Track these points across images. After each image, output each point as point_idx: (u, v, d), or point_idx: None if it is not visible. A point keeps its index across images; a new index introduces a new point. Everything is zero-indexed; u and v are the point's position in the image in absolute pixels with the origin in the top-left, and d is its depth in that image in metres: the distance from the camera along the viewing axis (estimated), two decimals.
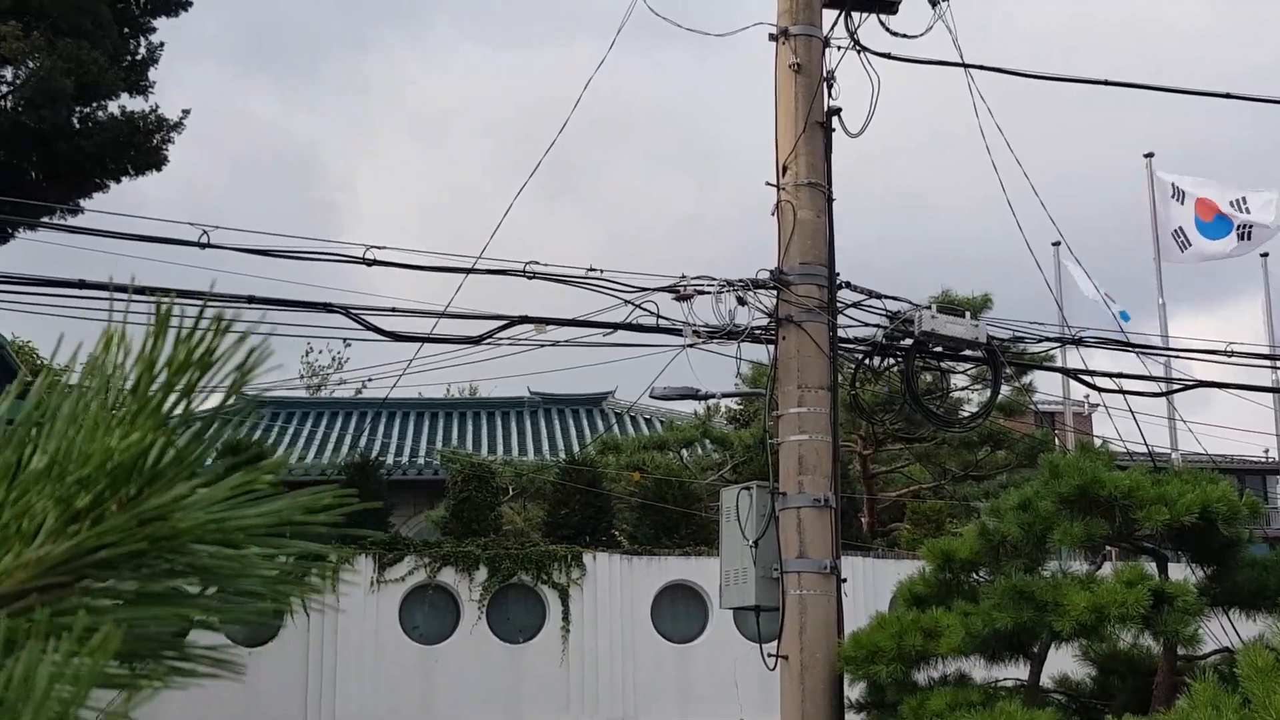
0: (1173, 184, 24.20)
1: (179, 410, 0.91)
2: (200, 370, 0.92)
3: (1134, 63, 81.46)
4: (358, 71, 76.71)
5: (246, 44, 76.11)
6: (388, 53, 78.10)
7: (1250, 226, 23.47)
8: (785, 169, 10.61)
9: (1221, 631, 8.72)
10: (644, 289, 10.67)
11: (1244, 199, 23.46)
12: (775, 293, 10.48)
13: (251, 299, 10.09)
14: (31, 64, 17.02)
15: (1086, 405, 26.96)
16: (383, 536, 19.55)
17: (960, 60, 11.41)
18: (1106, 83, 12.16)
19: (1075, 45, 68.96)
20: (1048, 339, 13.41)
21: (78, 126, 18.62)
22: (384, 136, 76.30)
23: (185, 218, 10.48)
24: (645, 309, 10.64)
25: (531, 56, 74.36)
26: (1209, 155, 68.86)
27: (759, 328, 10.61)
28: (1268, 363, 18.52)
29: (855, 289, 11.00)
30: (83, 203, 18.99)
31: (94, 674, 0.76)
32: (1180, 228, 24.06)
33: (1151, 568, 8.79)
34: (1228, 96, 12.55)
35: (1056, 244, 22.09)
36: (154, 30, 20.12)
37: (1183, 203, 24.00)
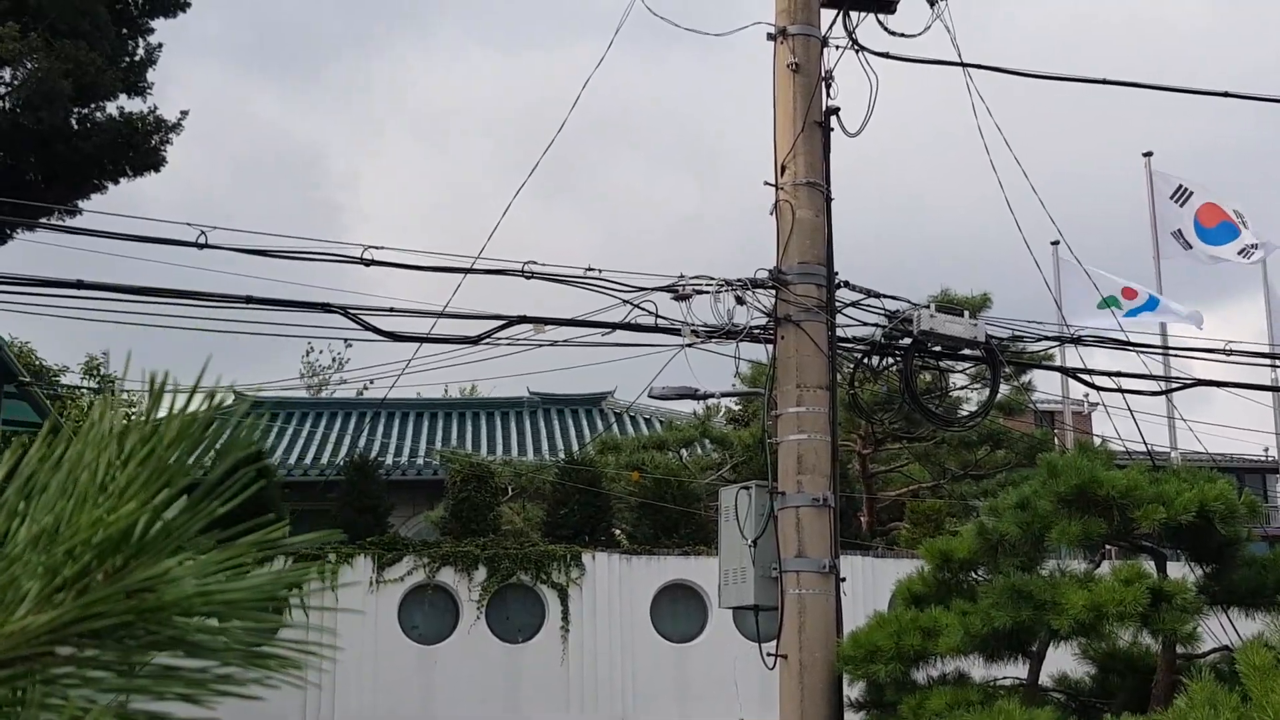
0: (1180, 184, 24.19)
1: (170, 484, 0.91)
2: (192, 445, 0.92)
3: (1137, 63, 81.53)
4: (361, 72, 76.90)
5: (250, 45, 76.32)
6: (391, 54, 78.27)
7: (1254, 246, 23.60)
8: (784, 169, 10.61)
9: (1221, 630, 8.72)
10: (642, 289, 10.67)
11: (1243, 217, 23.60)
12: (774, 292, 10.47)
13: (249, 299, 10.09)
14: (29, 65, 17.00)
15: (1086, 404, 26.99)
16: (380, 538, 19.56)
17: (959, 60, 11.42)
18: (1105, 81, 12.16)
19: (1077, 45, 69.05)
20: (1046, 338, 13.40)
21: (76, 128, 18.60)
22: (387, 137, 76.48)
23: (189, 218, 10.52)
24: (644, 309, 10.64)
25: (534, 58, 74.46)
26: (1211, 156, 68.83)
27: (758, 327, 10.61)
28: (1267, 361, 18.52)
29: (854, 288, 11.00)
30: (81, 204, 18.98)
31: None
32: (1180, 229, 24.09)
33: (1150, 566, 8.79)
34: (1226, 95, 12.55)
35: (1055, 243, 22.13)
36: (152, 31, 20.11)
37: (1182, 205, 24.02)
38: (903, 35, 11.03)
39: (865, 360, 11.64)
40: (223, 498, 0.93)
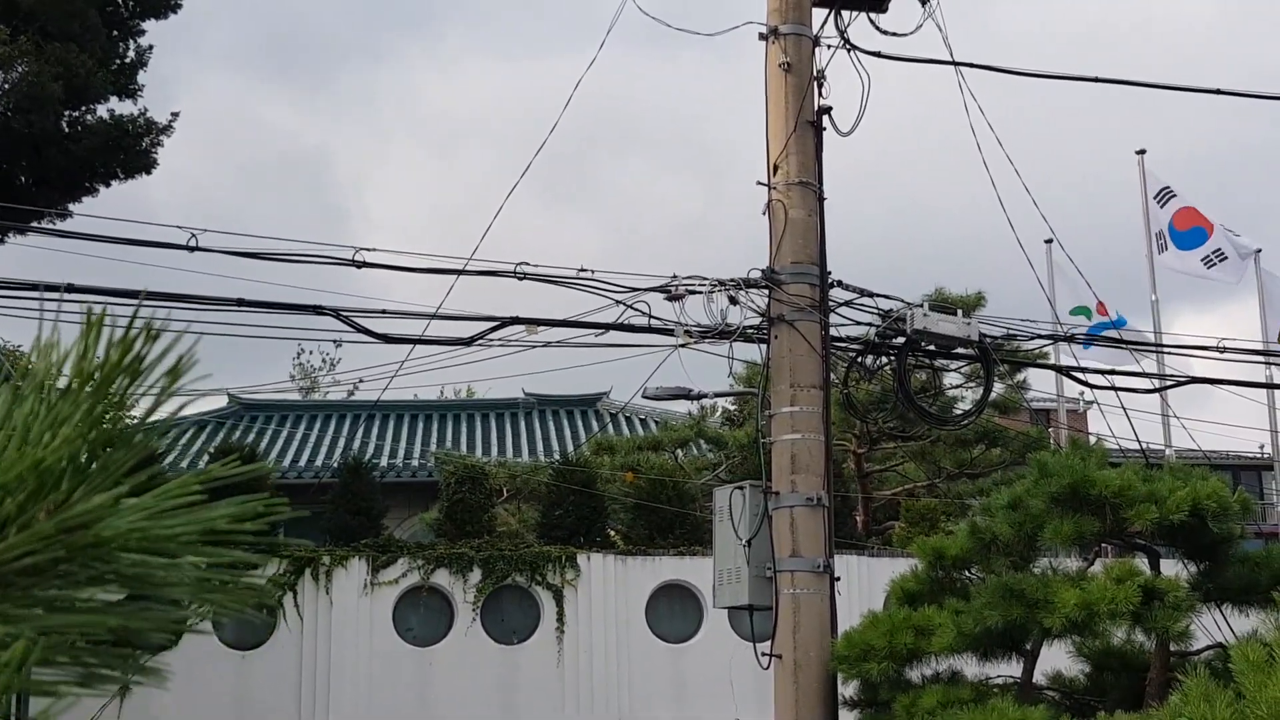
0: (1164, 186, 24.31)
1: (109, 417, 0.89)
2: (130, 376, 0.90)
3: (1143, 67, 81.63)
4: (370, 80, 77.19)
5: (261, 53, 76.66)
6: (400, 62, 78.48)
7: (1220, 256, 23.72)
8: (776, 168, 10.60)
9: (1214, 627, 8.72)
10: (636, 289, 10.66)
11: (1227, 229, 23.77)
12: (767, 292, 10.46)
13: (241, 301, 10.08)
14: (20, 68, 16.98)
15: (1081, 402, 26.99)
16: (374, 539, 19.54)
17: (950, 58, 11.41)
18: (1097, 80, 12.17)
19: (1079, 47, 69.10)
20: (1040, 336, 13.40)
21: (66, 130, 18.57)
22: (395, 143, 76.68)
23: (197, 223, 10.49)
24: (637, 309, 10.63)
25: (542, 65, 74.51)
26: (1211, 156, 69.11)
27: (751, 327, 10.60)
28: (1262, 359, 18.54)
29: (847, 288, 10.99)
30: (72, 207, 18.94)
31: (12, 683, 0.74)
32: (1160, 230, 24.25)
33: (1144, 564, 8.79)
34: (1219, 92, 12.55)
35: (1049, 242, 22.11)
36: (143, 33, 20.08)
37: (1163, 206, 24.15)
38: (894, 34, 11.02)
39: (859, 360, 11.64)
40: (157, 431, 0.91)
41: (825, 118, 10.76)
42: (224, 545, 0.89)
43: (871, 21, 11.01)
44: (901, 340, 11.04)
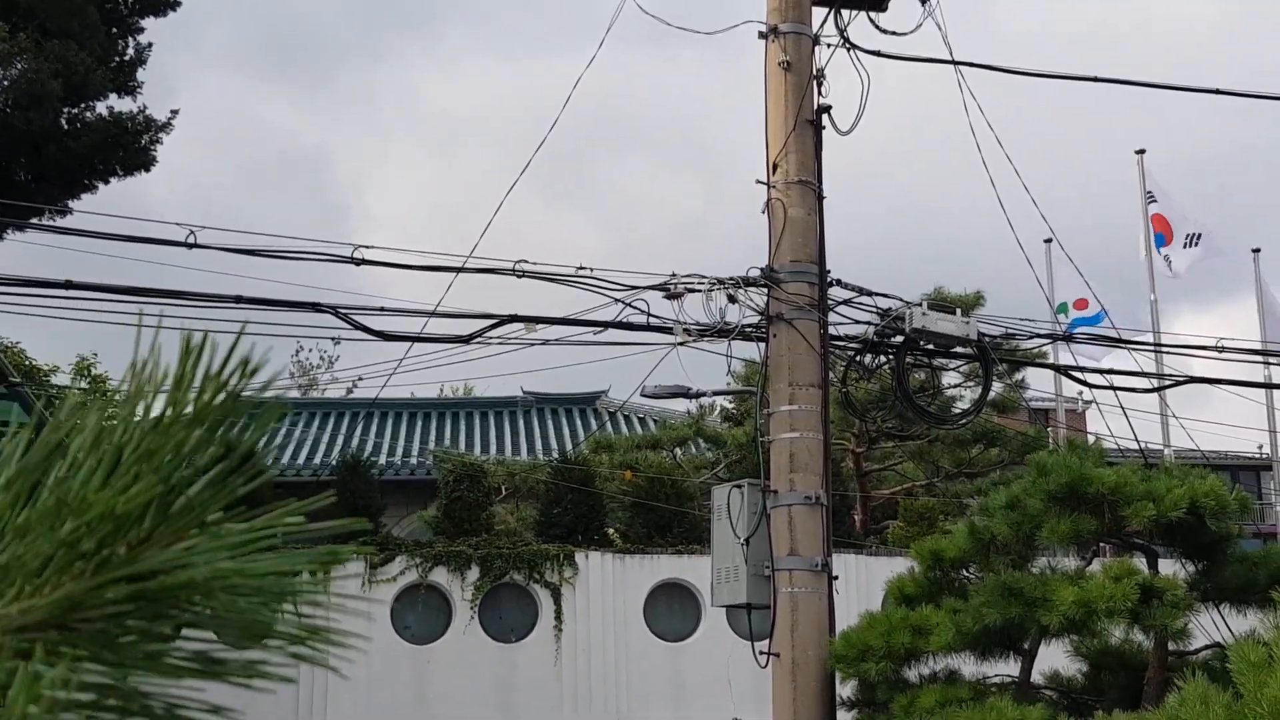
0: (1149, 190, 24.44)
1: (193, 458, 0.88)
2: (221, 416, 0.89)
3: (1139, 65, 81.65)
4: (370, 79, 77.26)
5: (262, 52, 76.76)
6: (401, 61, 78.57)
7: (1168, 260, 23.97)
8: (775, 167, 10.59)
9: (1213, 626, 8.72)
10: (634, 287, 10.66)
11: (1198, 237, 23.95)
12: (766, 290, 10.46)
13: (239, 298, 10.07)
14: (19, 65, 16.97)
15: (1080, 402, 27.01)
16: (375, 537, 19.53)
17: (950, 57, 11.41)
18: (1095, 79, 12.17)
19: (1079, 47, 69.08)
20: (1039, 335, 13.40)
21: (65, 127, 18.56)
22: (395, 143, 76.73)
23: (199, 221, 10.50)
24: (636, 307, 10.63)
25: (543, 65, 74.52)
26: (1212, 156, 69.11)
27: (750, 326, 10.60)
28: (1260, 359, 18.54)
29: (846, 286, 10.99)
30: (72, 204, 18.93)
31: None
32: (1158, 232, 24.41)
33: (1141, 563, 8.79)
34: (1218, 92, 12.54)
35: (1048, 241, 22.12)
36: (142, 30, 20.06)
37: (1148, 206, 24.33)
38: (894, 33, 11.02)
39: (858, 358, 11.63)
40: (244, 479, 0.90)
41: (825, 116, 10.75)
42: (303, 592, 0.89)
43: (871, 20, 11.01)
44: (900, 339, 11.04)
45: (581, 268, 10.61)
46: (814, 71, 10.78)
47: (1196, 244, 24.24)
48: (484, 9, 79.31)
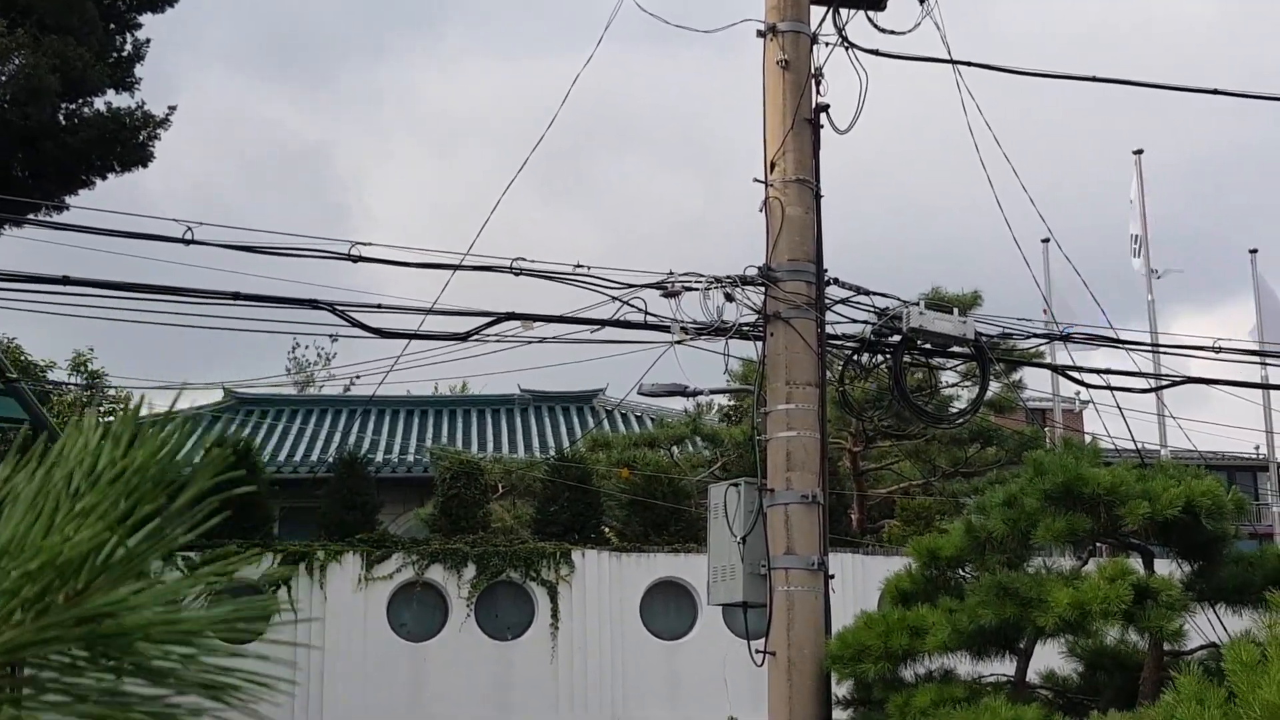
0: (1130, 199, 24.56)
1: (138, 507, 0.89)
2: (161, 472, 0.90)
3: (1139, 65, 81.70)
4: (372, 78, 77.32)
5: (264, 51, 76.87)
6: (401, 60, 78.60)
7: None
8: (773, 165, 10.59)
9: (1209, 626, 8.72)
10: (632, 286, 10.65)
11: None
12: (763, 289, 10.46)
13: (237, 295, 10.06)
14: (17, 61, 16.95)
15: (1077, 402, 27.03)
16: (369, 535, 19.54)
17: (948, 56, 11.41)
18: (1094, 79, 12.17)
19: (1079, 48, 69.09)
20: (1036, 335, 13.41)
21: (63, 123, 18.55)
22: (396, 142, 76.76)
23: (200, 218, 10.48)
24: (633, 305, 10.62)
25: (543, 64, 74.49)
26: (1210, 156, 69.15)
27: (747, 325, 10.59)
28: (1257, 359, 18.55)
29: (843, 285, 10.98)
30: (69, 199, 18.92)
31: None
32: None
33: (1137, 563, 8.79)
34: (1215, 92, 12.54)
35: (1046, 241, 22.12)
36: (140, 26, 20.04)
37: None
38: (893, 33, 11.01)
39: (855, 357, 11.63)
40: (188, 524, 0.91)
41: (823, 115, 10.75)
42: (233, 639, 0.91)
43: (869, 19, 11.01)
44: (897, 338, 11.04)
45: (579, 266, 10.61)
46: (812, 70, 10.77)
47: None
48: (485, 9, 79.37)
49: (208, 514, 0.92)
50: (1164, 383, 14.32)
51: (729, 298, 10.49)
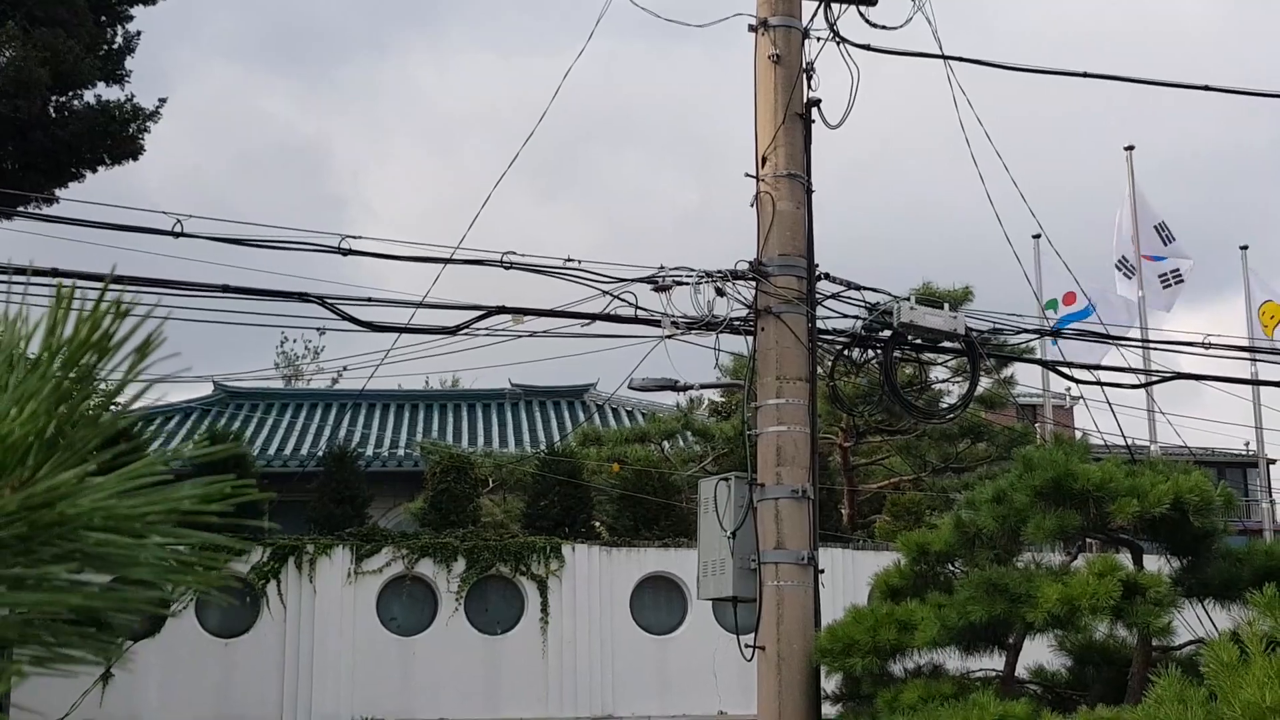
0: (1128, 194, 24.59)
1: (76, 394, 0.88)
2: (98, 353, 0.89)
3: (1137, 67, 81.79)
4: (372, 73, 77.33)
5: (264, 44, 76.81)
6: (402, 56, 78.59)
7: (1179, 279, 24.27)
8: (764, 160, 10.58)
9: (1197, 621, 8.74)
10: (622, 280, 10.64)
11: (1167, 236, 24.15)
12: (754, 284, 10.45)
13: (226, 288, 10.04)
14: (7, 53, 16.90)
15: (1068, 398, 27.08)
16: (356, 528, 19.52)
17: (940, 52, 11.40)
18: (1085, 75, 12.16)
19: (1076, 50, 69.18)
20: (1026, 331, 13.42)
21: (53, 116, 18.49)
22: (396, 137, 76.73)
23: (197, 211, 10.49)
24: (624, 300, 10.61)
25: (543, 63, 74.52)
26: (1202, 154, 69.23)
27: (738, 319, 10.58)
28: (1247, 355, 18.59)
29: (834, 280, 10.98)
30: (59, 192, 18.85)
31: None
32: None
33: (1126, 559, 8.81)
34: (1206, 89, 12.56)
35: (1037, 237, 22.15)
36: (131, 19, 19.97)
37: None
38: (884, 27, 11.00)
39: (845, 352, 11.63)
40: (125, 410, 0.90)
41: (814, 110, 10.73)
42: (191, 526, 0.89)
43: (861, 14, 10.99)
44: (888, 334, 11.04)
45: (569, 260, 10.59)
46: (804, 65, 10.76)
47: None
48: (486, 6, 79.34)
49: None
50: (1154, 379, 14.35)
51: (720, 292, 10.48)
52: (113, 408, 0.93)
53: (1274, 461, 29.15)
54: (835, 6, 10.97)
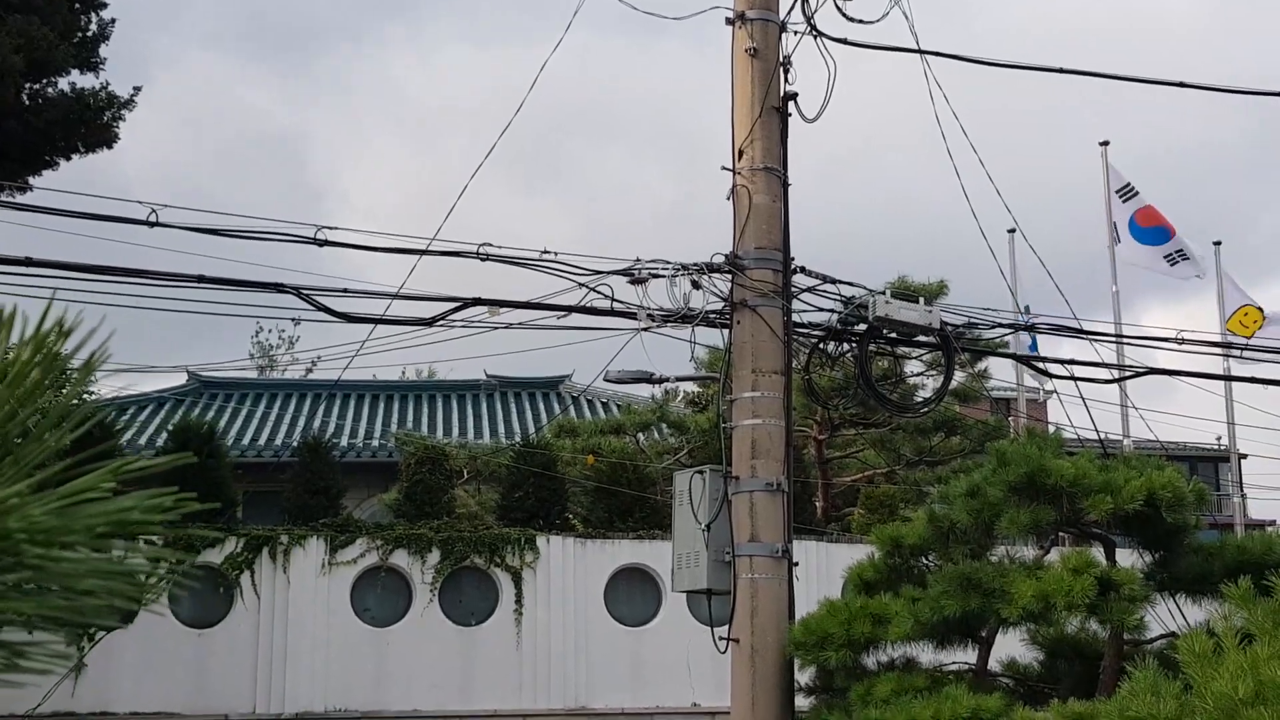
0: (1128, 182, 24.61)
1: (16, 414, 0.88)
2: (43, 372, 0.89)
3: (1120, 65, 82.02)
4: (351, 64, 77.03)
5: (242, 34, 76.44)
6: (381, 47, 78.29)
7: (1183, 255, 24.17)
8: (741, 153, 10.59)
9: (1168, 615, 8.80)
10: (599, 272, 10.63)
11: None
12: (730, 277, 10.46)
13: (201, 278, 10.00)
14: None
15: (1041, 392, 27.17)
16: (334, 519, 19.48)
17: (916, 46, 11.42)
18: (1061, 70, 12.20)
19: (1062, 48, 69.39)
20: (1001, 325, 13.47)
21: (27, 103, 18.37)
22: (375, 128, 76.52)
23: (175, 201, 10.44)
24: (600, 292, 10.60)
25: (523, 55, 74.34)
26: (1177, 151, 69.57)
27: (714, 312, 10.59)
28: (1220, 351, 18.69)
29: (810, 274, 10.99)
30: (33, 180, 18.73)
31: None
32: (1116, 223, 24.58)
33: (1099, 553, 8.85)
34: (1182, 85, 12.60)
35: (1012, 232, 22.25)
36: (105, 6, 19.86)
37: (1125, 201, 24.47)
38: (861, 21, 11.01)
39: (821, 346, 11.65)
40: (65, 429, 0.90)
41: (791, 104, 10.74)
42: (135, 537, 0.89)
43: (838, 8, 10.99)
44: (863, 327, 11.06)
45: (546, 252, 10.58)
46: (781, 58, 10.77)
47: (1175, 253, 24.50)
48: None
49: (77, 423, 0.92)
50: (1127, 374, 14.41)
51: (696, 285, 10.48)
52: (71, 410, 0.93)
53: (1245, 456, 29.31)
54: (812, 0, 10.97)
